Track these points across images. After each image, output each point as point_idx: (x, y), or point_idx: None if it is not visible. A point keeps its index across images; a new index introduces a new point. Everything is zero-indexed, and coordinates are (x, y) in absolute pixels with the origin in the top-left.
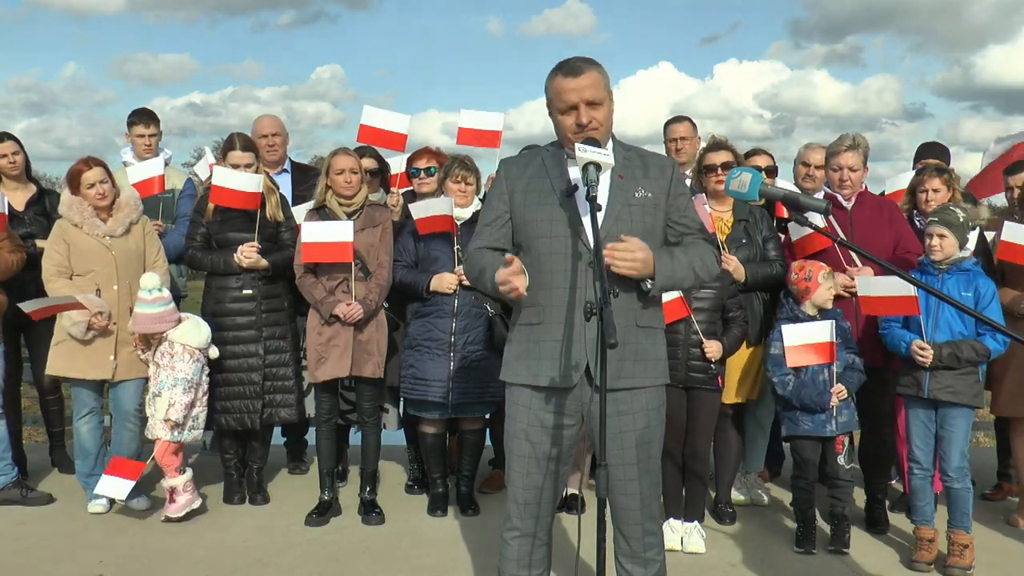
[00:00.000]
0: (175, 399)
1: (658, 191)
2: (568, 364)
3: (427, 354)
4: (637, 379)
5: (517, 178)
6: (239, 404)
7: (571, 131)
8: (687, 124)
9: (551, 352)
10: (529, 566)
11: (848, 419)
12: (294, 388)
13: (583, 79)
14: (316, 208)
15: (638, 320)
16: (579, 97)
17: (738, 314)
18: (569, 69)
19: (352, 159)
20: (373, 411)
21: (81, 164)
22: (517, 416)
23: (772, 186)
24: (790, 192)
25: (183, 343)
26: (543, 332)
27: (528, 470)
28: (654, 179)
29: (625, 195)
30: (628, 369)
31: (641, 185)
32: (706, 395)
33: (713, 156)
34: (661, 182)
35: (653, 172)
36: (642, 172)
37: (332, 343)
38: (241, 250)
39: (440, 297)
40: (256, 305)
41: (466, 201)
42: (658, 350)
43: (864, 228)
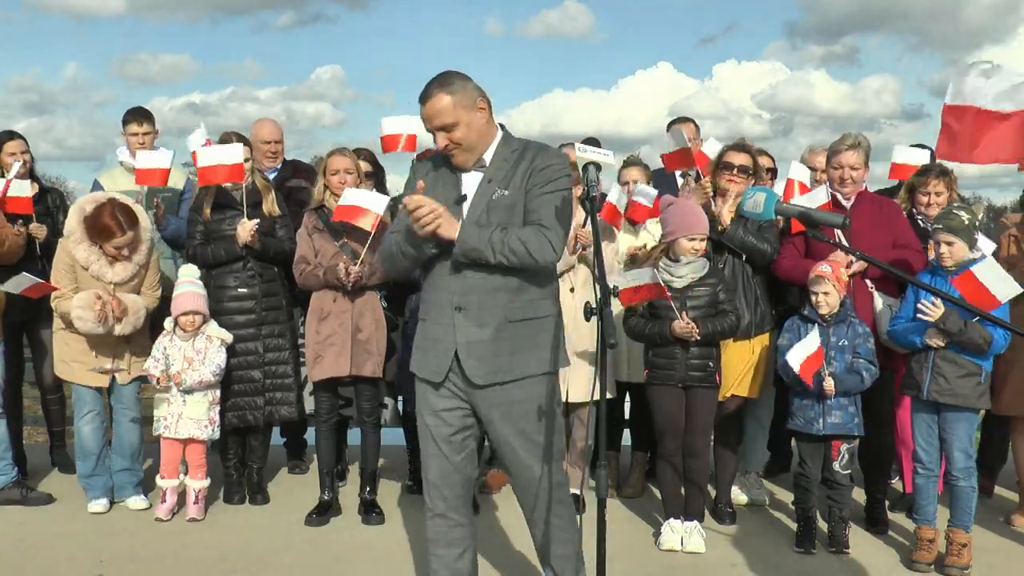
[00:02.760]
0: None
1: (515, 190)
2: (440, 361)
3: None
4: (516, 371)
5: (424, 179)
6: (240, 401)
7: (440, 150)
8: (690, 126)
9: (431, 347)
10: (448, 544)
11: (843, 421)
12: (293, 386)
13: (428, 108)
14: (315, 208)
15: (509, 316)
16: (430, 125)
17: (728, 305)
18: (421, 96)
19: (348, 159)
20: (373, 411)
21: (113, 223)
22: (418, 403)
23: (787, 204)
24: (805, 209)
25: (219, 336)
26: (427, 328)
27: (430, 452)
28: (519, 178)
29: (487, 197)
30: (505, 364)
31: (501, 186)
32: (704, 393)
33: (733, 155)
34: (521, 178)
35: (521, 170)
36: (512, 172)
37: (329, 342)
38: (243, 223)
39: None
40: (255, 303)
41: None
42: (538, 339)
43: (862, 228)
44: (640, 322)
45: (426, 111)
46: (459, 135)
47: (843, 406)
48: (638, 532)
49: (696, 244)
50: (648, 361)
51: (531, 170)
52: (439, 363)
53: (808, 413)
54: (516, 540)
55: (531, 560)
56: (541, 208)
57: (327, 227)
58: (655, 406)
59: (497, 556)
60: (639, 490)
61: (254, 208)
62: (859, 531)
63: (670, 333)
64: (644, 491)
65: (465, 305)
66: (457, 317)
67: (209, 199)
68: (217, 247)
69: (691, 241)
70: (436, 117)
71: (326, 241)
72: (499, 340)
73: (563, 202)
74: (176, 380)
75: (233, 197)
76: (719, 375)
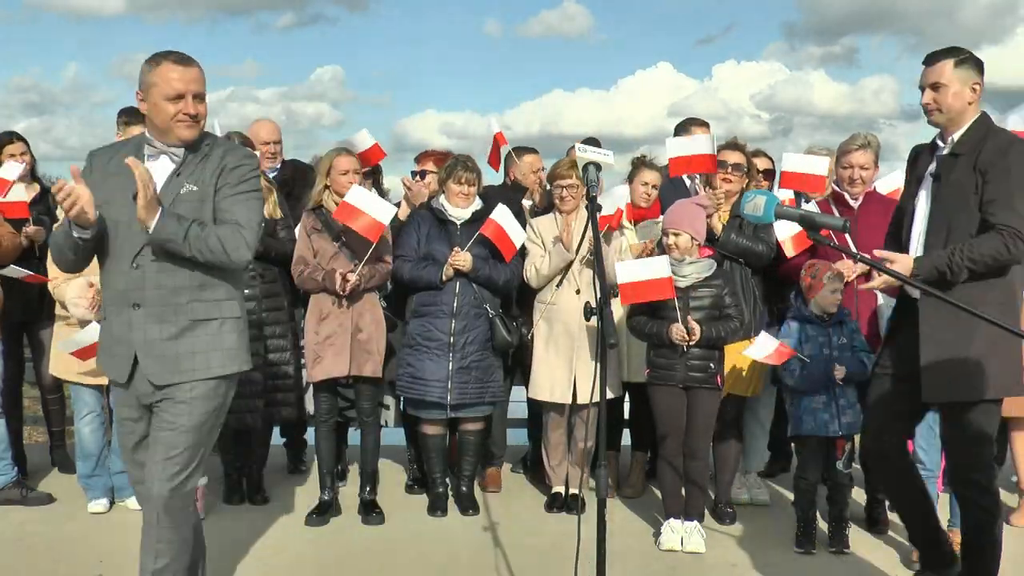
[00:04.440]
0: None
1: (204, 187)
2: (122, 362)
3: (426, 354)
4: (198, 372)
5: (101, 170)
6: (240, 403)
7: (174, 118)
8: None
9: (113, 346)
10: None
11: (853, 420)
12: (294, 387)
13: (194, 71)
14: (313, 208)
15: (193, 315)
16: (185, 88)
17: (733, 310)
18: (179, 58)
19: (353, 160)
20: (372, 411)
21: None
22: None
23: (788, 208)
24: (806, 213)
25: None
26: (107, 328)
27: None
28: (209, 175)
29: (175, 191)
30: (186, 363)
31: (189, 181)
32: (705, 394)
33: (726, 154)
34: (212, 174)
35: (211, 168)
36: (201, 168)
37: (329, 342)
38: None
39: (440, 296)
40: (256, 304)
41: (467, 202)
42: (215, 341)
43: (868, 227)
44: (642, 320)
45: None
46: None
47: (852, 404)
48: (638, 532)
49: (677, 240)
50: (649, 361)
51: (221, 168)
52: (121, 364)
53: (821, 416)
54: (516, 538)
55: (530, 557)
56: (235, 207)
57: (326, 228)
58: (656, 406)
59: (497, 554)
60: (639, 490)
61: None
62: (859, 531)
63: (666, 336)
64: (644, 491)
65: (143, 302)
66: (135, 315)
67: None
68: None
69: (675, 236)
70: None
71: (325, 242)
72: (180, 340)
73: (258, 202)
74: None
75: None
76: (721, 377)
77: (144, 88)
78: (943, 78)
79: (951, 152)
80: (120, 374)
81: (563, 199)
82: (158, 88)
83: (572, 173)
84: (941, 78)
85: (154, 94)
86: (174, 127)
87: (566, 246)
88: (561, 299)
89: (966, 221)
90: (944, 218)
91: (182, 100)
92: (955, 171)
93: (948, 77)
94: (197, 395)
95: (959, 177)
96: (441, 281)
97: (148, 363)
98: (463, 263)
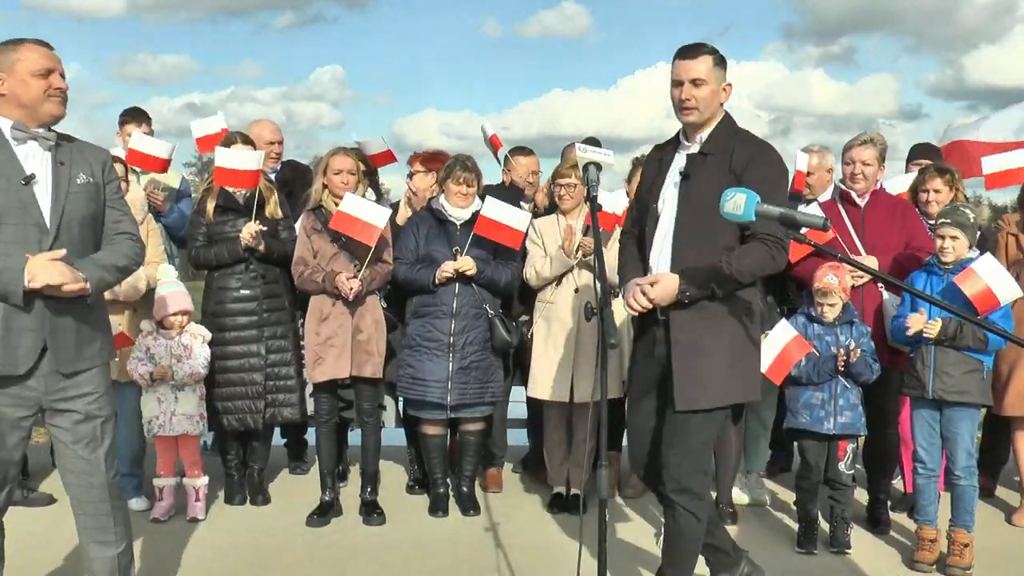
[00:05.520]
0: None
1: (96, 178)
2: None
3: (426, 354)
4: (92, 360)
5: None
6: (241, 404)
7: (46, 92)
8: None
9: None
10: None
11: (851, 421)
12: (296, 387)
13: (56, 54)
14: (312, 208)
15: (88, 300)
16: (54, 65)
17: None
18: (40, 41)
19: (350, 159)
20: (373, 411)
21: None
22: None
23: (767, 205)
24: (786, 211)
25: (200, 334)
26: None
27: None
28: (92, 164)
29: (67, 182)
30: (86, 351)
31: (82, 171)
32: None
33: None
34: (98, 167)
35: (90, 157)
36: (80, 157)
37: (330, 343)
38: (247, 225)
39: (439, 297)
40: (257, 304)
41: (466, 202)
42: (104, 326)
43: (875, 226)
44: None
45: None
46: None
47: (853, 405)
48: (638, 532)
49: None
50: None
51: (104, 163)
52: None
53: (817, 412)
54: (518, 539)
55: (532, 558)
56: (123, 218)
57: (325, 228)
58: None
59: (499, 554)
60: (640, 490)
61: (257, 210)
62: (861, 531)
63: None
64: (645, 491)
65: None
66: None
67: (212, 201)
68: (220, 249)
69: None
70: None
71: (324, 242)
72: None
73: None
74: (167, 375)
75: (235, 199)
76: None
77: (5, 67)
78: (703, 74)
79: (700, 151)
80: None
81: (562, 198)
82: (24, 63)
83: (572, 172)
84: (701, 74)
85: (19, 69)
86: (46, 102)
87: (567, 253)
88: (560, 298)
89: (721, 224)
90: (695, 219)
91: (52, 74)
92: (706, 170)
93: (708, 74)
94: (93, 387)
95: (712, 176)
96: (433, 284)
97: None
98: (467, 268)
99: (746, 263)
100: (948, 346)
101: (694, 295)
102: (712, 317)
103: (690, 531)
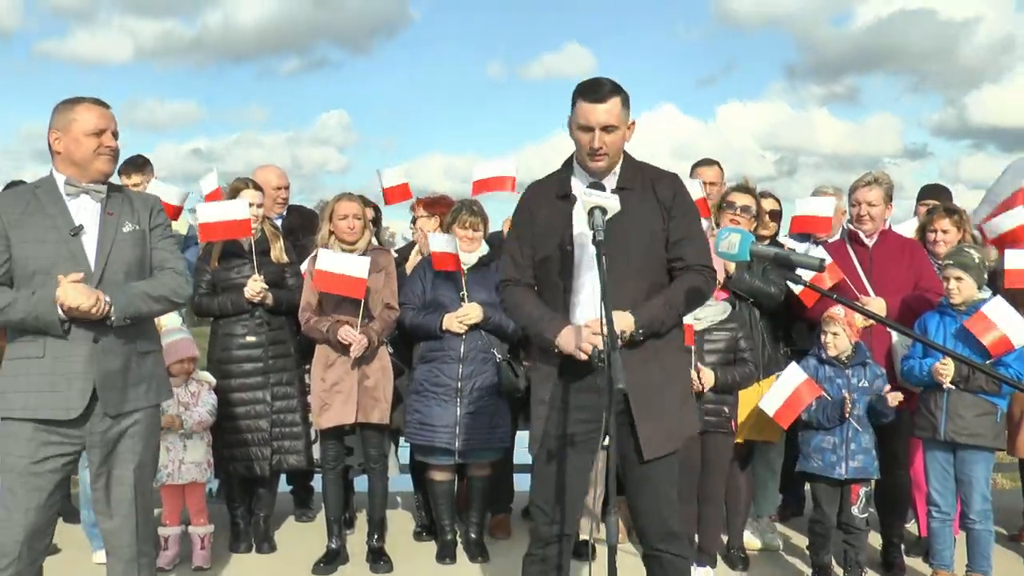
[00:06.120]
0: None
1: (143, 224)
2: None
3: (433, 399)
4: (140, 401)
5: (9, 215)
6: (247, 451)
7: (96, 151)
8: (716, 169)
9: (53, 384)
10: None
11: (863, 465)
12: (302, 434)
13: (111, 112)
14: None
15: (139, 347)
16: (107, 124)
17: (748, 354)
18: (97, 101)
19: (355, 204)
20: (380, 458)
21: None
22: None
23: (762, 246)
24: (780, 251)
25: (207, 380)
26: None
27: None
28: (139, 212)
29: (114, 231)
30: (132, 393)
31: (128, 219)
32: (720, 438)
33: (735, 196)
34: (144, 214)
35: (138, 206)
36: (129, 206)
37: (336, 389)
38: (253, 279)
39: (447, 342)
40: (263, 351)
41: (473, 247)
42: (156, 369)
43: (884, 266)
44: None
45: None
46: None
47: (865, 449)
48: None
49: None
50: None
51: (151, 208)
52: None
53: (828, 457)
54: None
55: None
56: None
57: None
58: None
59: None
60: None
61: (262, 256)
62: (875, 575)
63: None
64: None
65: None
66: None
67: (217, 248)
68: (224, 299)
69: None
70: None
71: None
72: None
73: (176, 241)
74: (175, 424)
75: (241, 245)
76: (735, 422)
77: (61, 126)
78: (614, 119)
79: (619, 187)
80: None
81: None
82: (78, 123)
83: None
84: (612, 119)
85: (74, 129)
86: (96, 160)
87: None
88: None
89: (651, 259)
90: (626, 256)
91: (103, 134)
92: (630, 206)
93: (618, 118)
94: (140, 429)
95: (638, 212)
96: (440, 330)
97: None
98: (474, 316)
99: (686, 295)
100: (962, 388)
101: (647, 332)
102: (657, 354)
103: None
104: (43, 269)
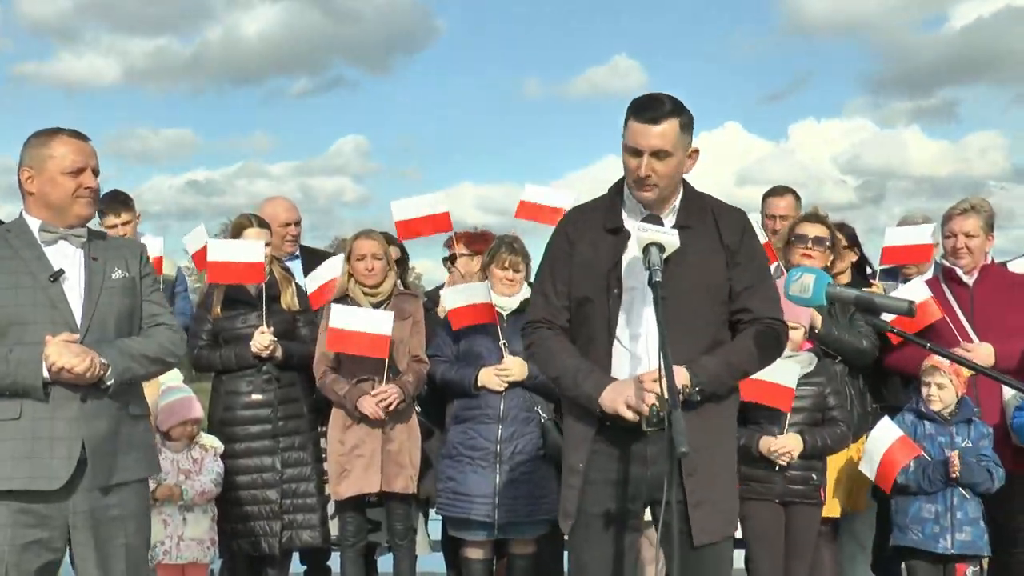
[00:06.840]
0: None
1: (133, 272)
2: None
3: (469, 465)
4: (130, 472)
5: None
6: (254, 526)
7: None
8: (790, 198)
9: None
10: None
11: (972, 539)
12: (317, 506)
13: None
14: (338, 299)
15: (131, 409)
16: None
17: (838, 412)
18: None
19: (375, 243)
20: (406, 532)
21: None
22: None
23: (841, 288)
24: (862, 294)
25: (212, 445)
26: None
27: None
28: (128, 258)
29: (101, 277)
30: (122, 462)
31: (117, 265)
32: (807, 510)
33: (806, 227)
34: (134, 261)
35: (125, 251)
36: (115, 251)
37: (356, 453)
38: (260, 331)
39: (484, 399)
40: (272, 411)
41: (513, 290)
42: (146, 437)
43: (988, 307)
44: None
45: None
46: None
47: (974, 520)
48: None
49: (792, 334)
50: (740, 472)
51: (140, 255)
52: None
53: (930, 527)
54: None
55: None
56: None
57: None
58: (749, 524)
59: None
60: None
61: (271, 302)
62: None
63: (755, 449)
64: None
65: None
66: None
67: (219, 294)
68: (228, 352)
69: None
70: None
71: None
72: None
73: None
74: (174, 494)
75: (246, 291)
76: (823, 489)
77: (35, 163)
78: (668, 144)
79: (679, 224)
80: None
81: None
82: (55, 160)
83: None
84: (666, 144)
85: (50, 167)
86: (74, 204)
87: None
88: None
89: (713, 307)
90: (686, 302)
91: (83, 173)
92: (692, 246)
93: (674, 143)
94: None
95: (700, 252)
96: (475, 387)
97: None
98: (516, 373)
99: (752, 353)
100: None
101: (706, 392)
102: (712, 421)
103: None
104: (19, 319)
